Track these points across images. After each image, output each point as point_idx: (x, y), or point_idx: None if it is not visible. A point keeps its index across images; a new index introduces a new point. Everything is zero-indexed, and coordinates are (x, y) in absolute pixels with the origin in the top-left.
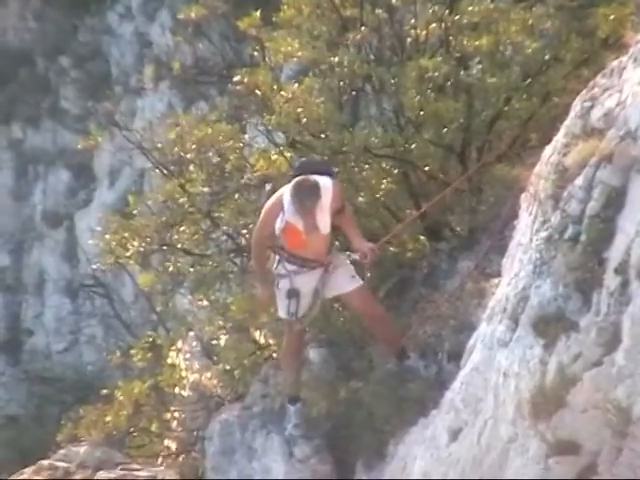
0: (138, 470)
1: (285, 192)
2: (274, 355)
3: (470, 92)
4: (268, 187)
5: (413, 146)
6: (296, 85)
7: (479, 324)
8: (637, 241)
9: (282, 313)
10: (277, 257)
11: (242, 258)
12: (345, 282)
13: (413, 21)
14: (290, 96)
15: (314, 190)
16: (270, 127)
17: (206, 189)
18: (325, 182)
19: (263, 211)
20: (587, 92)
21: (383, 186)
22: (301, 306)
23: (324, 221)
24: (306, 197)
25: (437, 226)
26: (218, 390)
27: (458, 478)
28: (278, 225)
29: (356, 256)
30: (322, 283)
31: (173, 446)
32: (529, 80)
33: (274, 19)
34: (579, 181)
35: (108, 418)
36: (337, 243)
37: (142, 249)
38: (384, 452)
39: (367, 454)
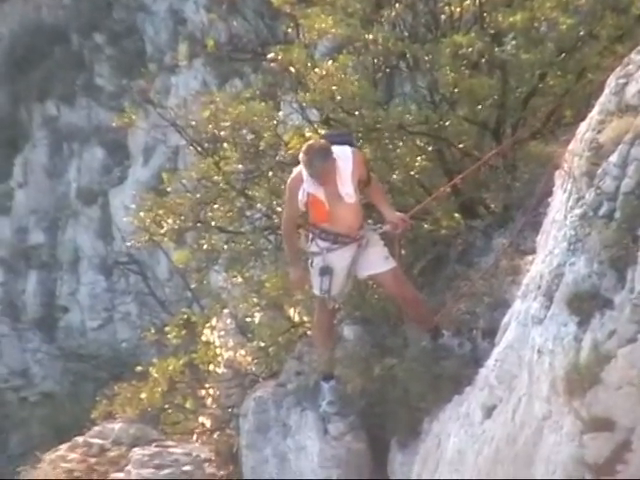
0: (173, 447)
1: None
2: (308, 332)
3: (505, 69)
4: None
5: (447, 123)
6: (330, 62)
7: (513, 301)
8: None
9: (316, 290)
10: (310, 235)
11: (276, 235)
12: (379, 262)
13: None
14: (324, 73)
15: (322, 151)
16: (304, 104)
17: (240, 166)
18: (344, 150)
19: (286, 188)
20: (622, 69)
21: (417, 163)
22: (334, 283)
23: (346, 190)
24: (315, 158)
25: (472, 203)
26: (252, 367)
27: (492, 455)
28: (300, 199)
29: (387, 227)
30: (355, 260)
31: (208, 423)
32: (563, 56)
33: None
34: (614, 158)
35: (143, 395)
36: (370, 221)
37: (177, 227)
38: (418, 429)
39: (401, 431)
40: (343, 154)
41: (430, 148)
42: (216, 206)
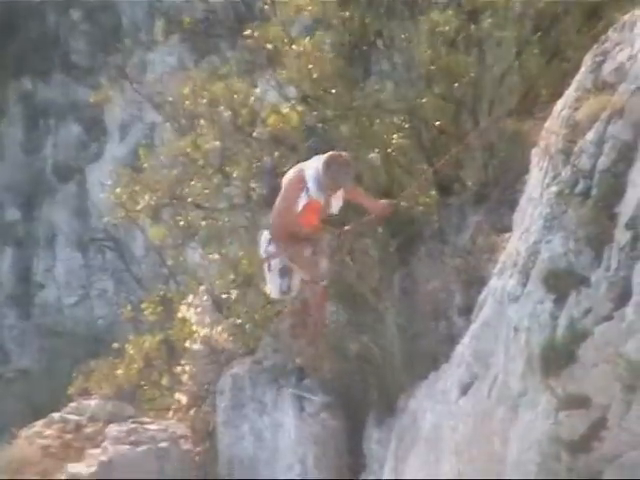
0: (149, 423)
1: (306, 168)
2: (285, 309)
3: (481, 46)
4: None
5: (424, 101)
6: (307, 40)
7: (490, 279)
8: None
9: (275, 293)
10: (268, 235)
11: (253, 213)
12: (323, 272)
13: None
14: (301, 50)
15: (349, 169)
16: (281, 82)
17: (218, 144)
18: None
19: (284, 191)
20: (598, 46)
21: (394, 141)
22: (293, 284)
23: (338, 203)
24: (342, 173)
25: (448, 181)
26: (229, 344)
27: (468, 432)
28: (304, 199)
29: (372, 217)
30: None
31: (184, 400)
32: (540, 34)
33: None
34: (590, 136)
35: (119, 372)
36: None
37: (153, 203)
38: (394, 406)
39: (378, 408)
40: None
41: (407, 125)
42: (193, 183)
